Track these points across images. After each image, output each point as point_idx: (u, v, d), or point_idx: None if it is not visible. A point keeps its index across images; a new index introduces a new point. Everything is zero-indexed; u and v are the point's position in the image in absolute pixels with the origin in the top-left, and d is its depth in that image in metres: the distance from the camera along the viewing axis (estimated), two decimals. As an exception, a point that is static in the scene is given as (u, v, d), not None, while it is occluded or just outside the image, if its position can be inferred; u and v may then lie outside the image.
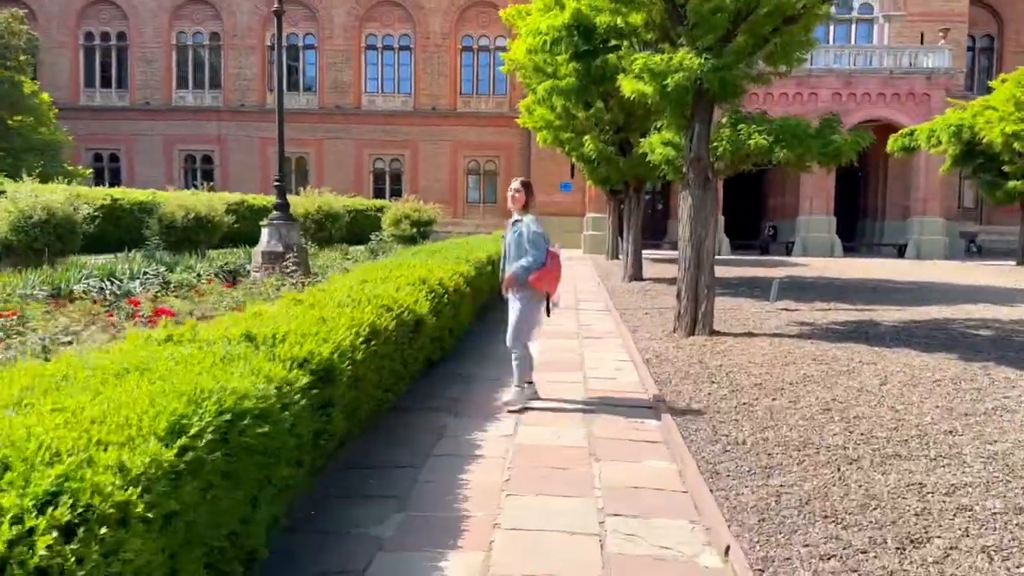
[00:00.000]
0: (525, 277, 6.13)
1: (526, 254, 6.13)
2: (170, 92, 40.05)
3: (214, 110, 39.56)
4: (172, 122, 39.80)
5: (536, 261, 6.07)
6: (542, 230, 6.19)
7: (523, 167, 38.29)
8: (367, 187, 39.24)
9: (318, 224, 20.76)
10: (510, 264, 6.26)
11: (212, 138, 39.59)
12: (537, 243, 6.09)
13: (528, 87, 16.39)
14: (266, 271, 13.06)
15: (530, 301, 6.24)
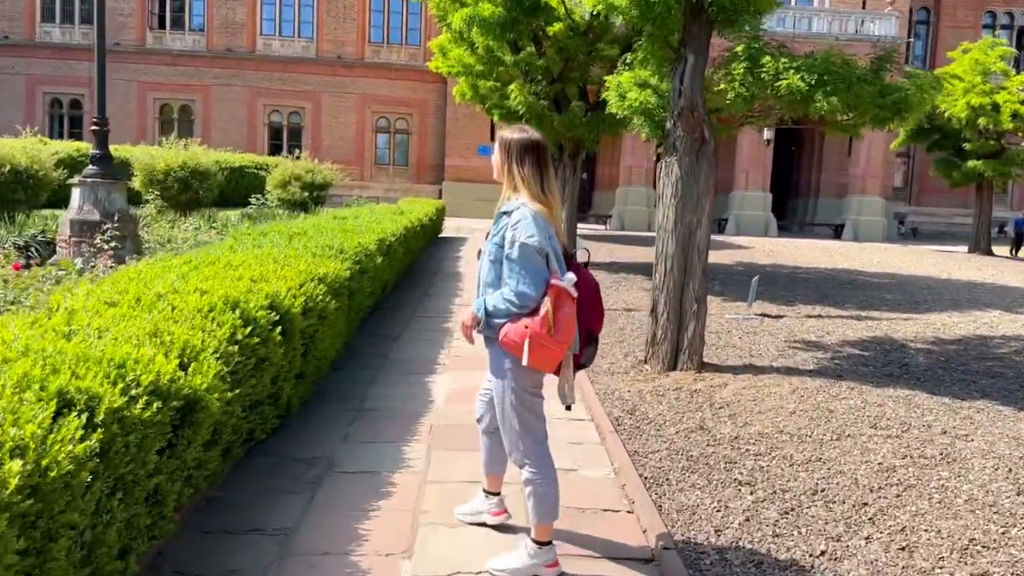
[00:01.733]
0: (494, 330, 3.06)
1: (497, 284, 3.08)
2: (33, 25, 34.67)
3: (85, 48, 34.34)
4: (35, 59, 34.48)
5: (516, 300, 2.98)
6: (540, 234, 2.98)
7: (439, 126, 34.84)
8: (262, 143, 35.00)
9: (182, 183, 16.98)
10: (477, 296, 3.19)
11: (83, 80, 34.42)
12: (526, 261, 2.96)
13: (441, 21, 13.12)
14: (76, 246, 9.56)
15: (516, 373, 3.08)
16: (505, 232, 3.02)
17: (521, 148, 3.07)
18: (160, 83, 34.96)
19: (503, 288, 3.02)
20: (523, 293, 2.95)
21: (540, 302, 2.95)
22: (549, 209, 3.06)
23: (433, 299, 10.14)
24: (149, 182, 17.11)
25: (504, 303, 2.99)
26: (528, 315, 2.96)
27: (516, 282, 2.97)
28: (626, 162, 29.24)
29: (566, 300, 2.97)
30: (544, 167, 3.09)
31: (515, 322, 2.96)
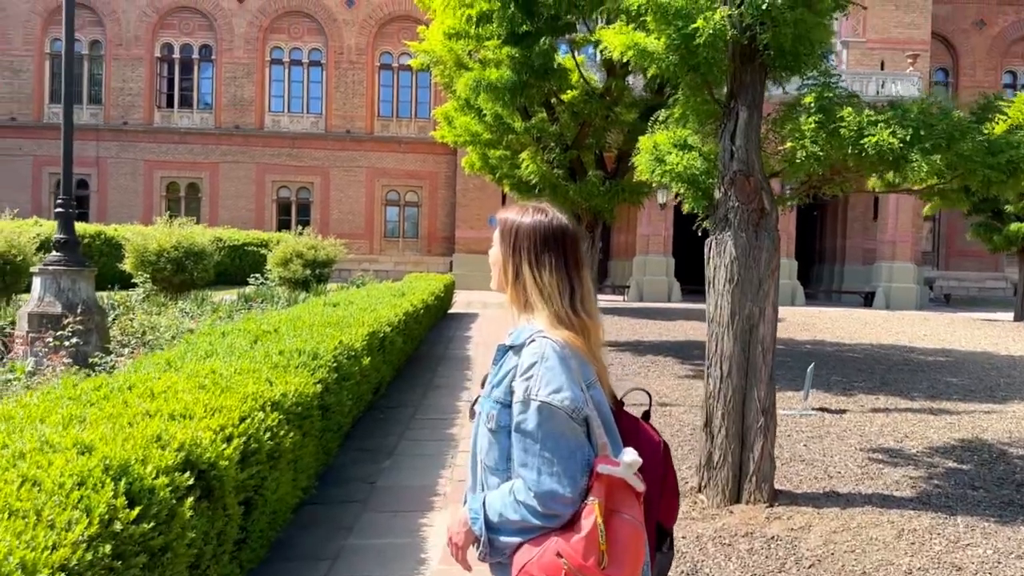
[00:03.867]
0: (503, 554, 1.77)
1: (507, 467, 1.80)
2: (41, 107, 34.61)
3: (93, 128, 34.20)
4: (43, 141, 34.18)
5: (537, 505, 1.70)
6: (573, 387, 1.73)
7: (449, 198, 34.14)
8: (270, 218, 34.39)
9: (176, 264, 16.01)
10: (474, 487, 1.90)
11: (90, 160, 34.12)
12: (551, 436, 1.71)
13: (447, 88, 12.24)
14: (33, 344, 8.43)
15: None
16: (514, 384, 1.79)
17: (536, 239, 1.86)
18: (167, 161, 34.61)
19: (515, 481, 1.75)
20: (549, 492, 1.69)
21: (580, 506, 1.71)
22: (585, 337, 1.83)
23: (438, 393, 8.90)
24: (140, 263, 16.14)
25: (517, 509, 1.72)
26: (560, 530, 1.71)
27: (536, 473, 1.71)
28: (643, 230, 28.21)
29: (626, 499, 1.73)
30: (575, 268, 1.87)
31: (538, 543, 1.70)
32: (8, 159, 33.98)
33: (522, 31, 9.68)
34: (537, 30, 9.86)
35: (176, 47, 34.77)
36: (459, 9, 9.73)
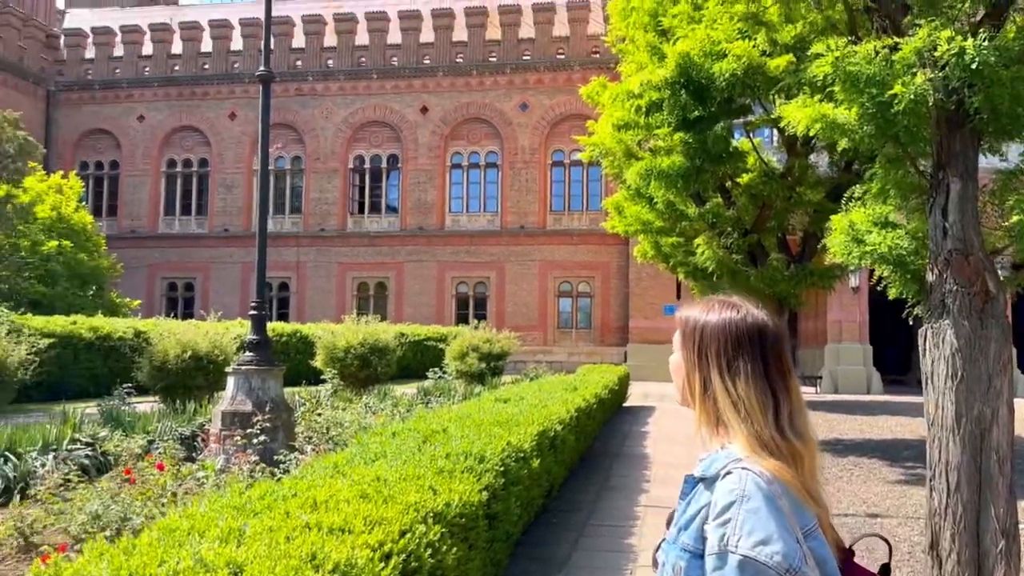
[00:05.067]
0: None
1: None
2: (249, 218, 38.26)
3: (293, 235, 37.37)
4: (251, 248, 37.57)
5: None
6: (786, 537, 1.33)
7: (622, 288, 33.86)
8: (449, 313, 35.58)
9: (362, 360, 16.71)
10: None
11: (290, 264, 37.15)
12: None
13: (616, 179, 12.14)
14: (225, 441, 8.87)
15: None
16: (707, 528, 1.41)
17: (727, 342, 1.50)
18: (358, 263, 36.96)
19: None
20: None
21: None
22: (797, 467, 1.43)
23: (613, 495, 8.40)
24: (330, 360, 17.00)
25: None
26: None
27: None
28: (834, 315, 26.44)
29: None
30: (780, 376, 1.49)
31: None
32: (222, 265, 37.67)
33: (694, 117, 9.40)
34: (710, 115, 9.55)
35: (367, 158, 37.60)
36: (627, 101, 9.64)
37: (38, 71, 38.33)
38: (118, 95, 38.69)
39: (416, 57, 36.74)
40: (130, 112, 38.56)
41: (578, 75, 34.72)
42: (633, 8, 10.53)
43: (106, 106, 38.85)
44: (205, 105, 38.17)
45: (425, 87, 36.66)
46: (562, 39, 35.94)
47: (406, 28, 36.69)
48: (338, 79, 37.20)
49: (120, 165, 38.82)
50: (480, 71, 36.16)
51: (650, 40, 10.10)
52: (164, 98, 38.33)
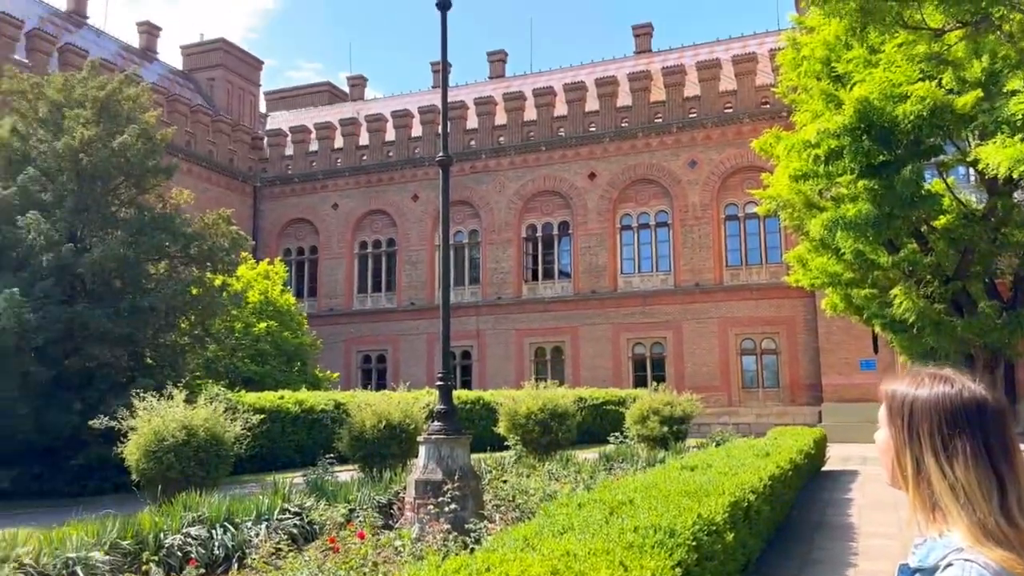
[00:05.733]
0: None
1: None
2: (433, 291, 40.12)
3: (473, 305, 38.77)
4: (435, 320, 39.34)
5: None
6: None
7: (810, 342, 32.12)
8: (627, 375, 35.22)
9: (542, 426, 16.87)
10: None
11: (471, 333, 38.49)
12: None
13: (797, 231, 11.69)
14: (419, 509, 9.20)
15: None
16: None
17: (942, 420, 1.41)
18: (534, 328, 37.65)
19: None
20: None
21: None
22: (1026, 554, 1.32)
23: (818, 570, 7.84)
24: (512, 426, 17.30)
25: None
26: None
27: None
28: (1059, 365, 23.59)
29: None
30: (1004, 457, 1.37)
31: None
32: (410, 337, 39.64)
33: (879, 162, 8.99)
34: (896, 158, 9.08)
35: (538, 226, 38.59)
36: (804, 151, 9.37)
37: (246, 170, 42.84)
38: (314, 186, 42.38)
39: (582, 126, 37.60)
40: (325, 201, 42.06)
41: (748, 127, 34.07)
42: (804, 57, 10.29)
43: (304, 197, 42.63)
44: (391, 189, 40.93)
45: (592, 154, 37.34)
46: (729, 93, 35.52)
47: (571, 100, 37.74)
48: (509, 154, 38.71)
49: (318, 250, 42.23)
50: (646, 133, 36.38)
51: (824, 88, 9.78)
52: (355, 186, 41.52)
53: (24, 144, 16.36)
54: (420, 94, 46.20)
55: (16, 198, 15.30)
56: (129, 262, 15.68)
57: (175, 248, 16.93)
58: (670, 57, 40.66)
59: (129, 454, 11.09)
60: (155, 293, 15.95)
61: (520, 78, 44.75)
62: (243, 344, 23.96)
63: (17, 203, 15.28)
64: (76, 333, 15.11)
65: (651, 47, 43.25)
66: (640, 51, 43.20)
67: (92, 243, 15.83)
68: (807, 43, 10.29)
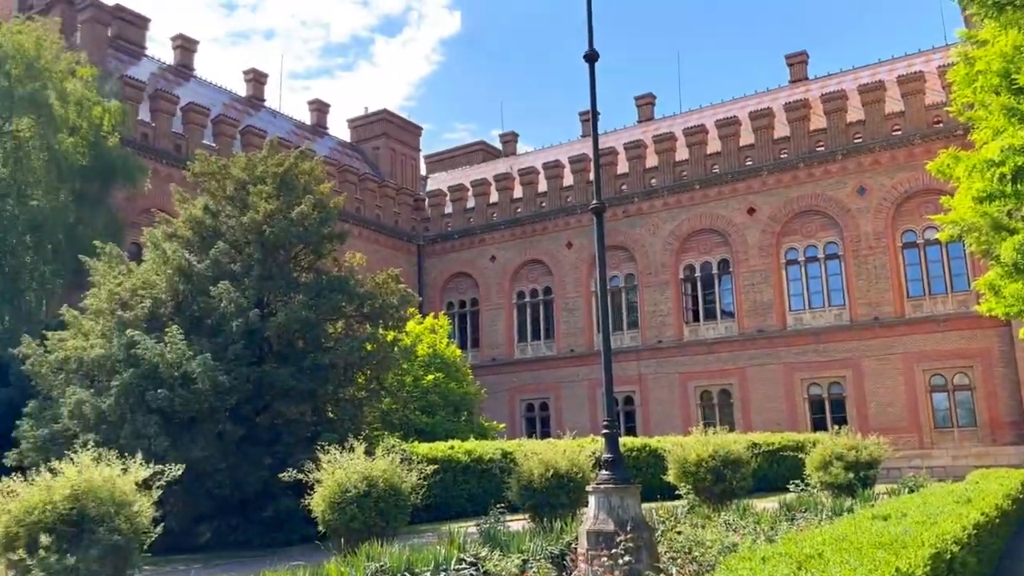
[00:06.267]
0: None
1: None
2: (592, 338, 40.12)
3: (633, 350, 38.34)
4: (595, 366, 39.29)
5: None
6: None
7: (1010, 376, 29.23)
8: (803, 418, 33.40)
9: (715, 474, 16.21)
10: None
11: (632, 378, 38.00)
12: None
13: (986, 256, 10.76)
14: (592, 561, 9.08)
15: None
16: None
17: None
18: (698, 371, 36.64)
19: None
20: None
21: None
22: None
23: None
24: (682, 474, 16.78)
25: None
26: None
27: None
28: None
29: None
30: None
31: None
32: (571, 384, 39.72)
33: (1076, 175, 8.17)
34: (1097, 169, 8.22)
35: (696, 266, 37.79)
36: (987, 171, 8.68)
37: (410, 230, 45.03)
38: (473, 241, 43.82)
39: (737, 161, 36.72)
40: (484, 254, 43.34)
41: (920, 149, 32.05)
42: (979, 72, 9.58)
43: (464, 252, 44.15)
44: (545, 239, 41.61)
45: (750, 188, 36.30)
46: (896, 115, 33.57)
47: (724, 135, 37.03)
48: (661, 195, 38.38)
49: (479, 301, 43.44)
50: (807, 163, 34.98)
51: (1005, 102, 9.04)
52: (510, 238, 42.55)
53: (215, 220, 18.04)
54: (570, 144, 46.95)
55: (209, 270, 16.83)
56: (310, 323, 16.79)
57: (350, 307, 17.96)
58: (828, 83, 39.10)
59: (315, 506, 11.70)
60: (334, 351, 16.95)
61: (669, 119, 44.50)
62: (414, 396, 24.88)
63: (210, 274, 16.81)
64: (264, 392, 16.29)
65: (806, 75, 41.82)
66: (795, 80, 41.87)
67: (276, 307, 17.12)
68: (981, 56, 9.58)
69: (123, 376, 14.70)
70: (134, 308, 16.06)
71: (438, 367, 26.53)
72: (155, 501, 9.23)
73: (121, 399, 14.62)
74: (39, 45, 24.25)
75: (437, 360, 26.86)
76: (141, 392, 14.64)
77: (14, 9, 31.70)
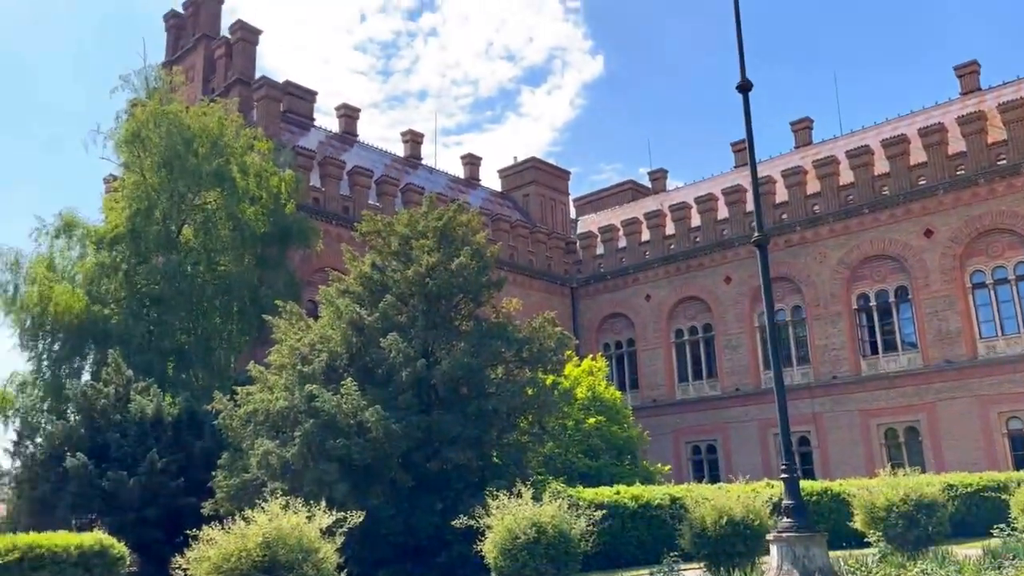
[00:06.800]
0: None
1: None
2: (758, 376, 38.51)
3: (805, 387, 36.36)
4: (764, 406, 37.51)
5: None
6: None
7: None
8: (1002, 455, 30.32)
9: (907, 519, 14.87)
10: None
11: (806, 417, 35.94)
12: None
13: None
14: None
15: None
16: None
17: None
18: (880, 408, 34.21)
19: None
20: None
21: None
22: None
23: None
24: (870, 520, 15.55)
25: None
26: None
27: None
28: None
29: None
30: None
31: None
32: (739, 425, 38.13)
33: None
34: None
35: (870, 295, 35.53)
36: None
37: (562, 273, 45.37)
38: (626, 281, 43.48)
39: (909, 181, 34.44)
40: (638, 293, 42.87)
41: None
42: None
43: (617, 292, 43.86)
44: (701, 275, 40.63)
45: (925, 209, 33.87)
46: (1091, 116, 30.38)
47: (892, 155, 34.93)
48: (826, 222, 36.58)
49: (635, 342, 42.87)
50: (988, 179, 32.29)
51: None
52: (664, 275, 41.88)
53: (382, 275, 18.95)
54: (722, 176, 45.86)
55: (379, 323, 17.65)
56: (473, 370, 17.17)
57: (509, 353, 18.22)
58: (1005, 92, 36.07)
59: (488, 552, 11.79)
60: (496, 396, 17.21)
61: (829, 142, 42.53)
62: (576, 439, 24.75)
63: (379, 327, 17.61)
64: (433, 438, 16.74)
65: (979, 85, 38.77)
66: (966, 91, 38.91)
67: (440, 356, 17.65)
68: None
69: (305, 426, 15.58)
70: (312, 362, 17.05)
71: (599, 410, 26.28)
72: (337, 548, 9.63)
73: (304, 448, 15.46)
74: (221, 125, 26.75)
75: (597, 403, 26.63)
76: (321, 441, 15.43)
77: (199, 94, 35.16)
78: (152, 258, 25.63)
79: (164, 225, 26.04)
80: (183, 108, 27.13)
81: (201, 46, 37.53)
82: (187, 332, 25.41)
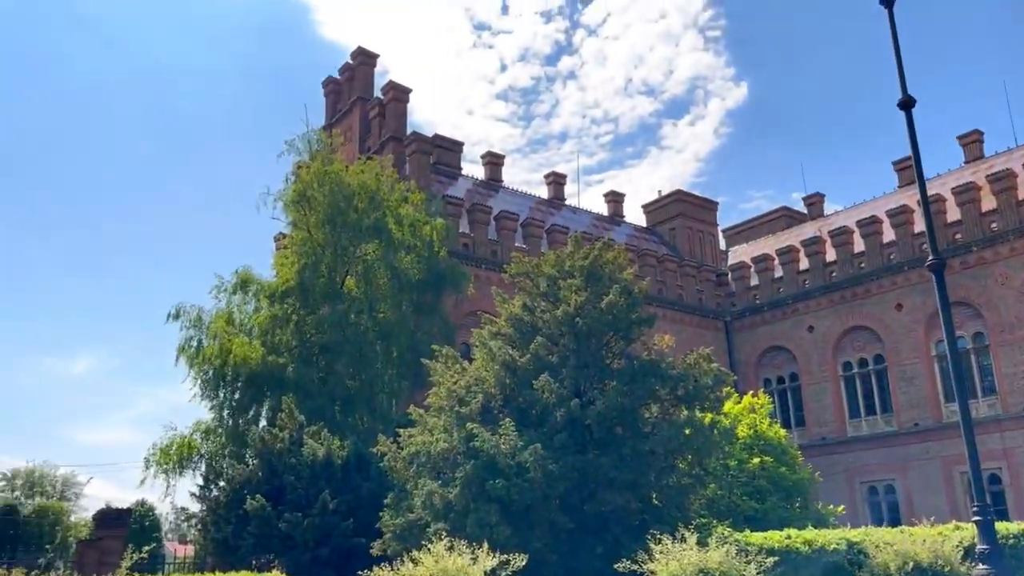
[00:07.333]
0: None
1: None
2: (939, 409, 35.66)
3: (993, 420, 33.29)
4: (945, 441, 34.58)
5: None
6: None
7: None
8: None
9: None
10: None
11: (996, 453, 32.86)
12: None
13: None
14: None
15: None
16: None
17: None
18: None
19: None
20: None
21: None
22: None
23: None
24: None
25: None
26: None
27: None
28: None
29: None
30: None
31: None
32: (919, 463, 35.30)
33: None
34: None
35: (1069, 316, 32.19)
36: None
37: (714, 307, 44.08)
38: (785, 312, 41.63)
39: (1103, 189, 31.12)
40: (799, 325, 40.91)
41: None
42: None
43: (775, 324, 42.05)
44: (868, 302, 38.32)
45: None
46: None
47: (1080, 162, 31.73)
48: (1007, 240, 33.67)
49: (798, 376, 40.82)
50: None
51: None
52: (827, 305, 39.79)
53: (532, 316, 19.12)
54: (884, 198, 43.26)
55: (530, 363, 17.77)
56: (627, 409, 16.91)
57: (664, 391, 17.80)
58: None
59: (653, 598, 11.47)
60: (652, 436, 16.82)
61: (1004, 155, 39.26)
62: (740, 481, 23.68)
63: (531, 367, 17.73)
64: (589, 480, 16.54)
65: None
66: None
67: (593, 395, 17.50)
68: None
69: (465, 468, 15.84)
70: (469, 403, 17.39)
71: (762, 449, 25.04)
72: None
73: (465, 489, 15.71)
74: (377, 180, 28.25)
75: (761, 442, 25.40)
76: (482, 482, 15.63)
77: (356, 151, 37.34)
78: (319, 309, 27.22)
79: (329, 277, 27.66)
80: (343, 167, 28.89)
81: (357, 108, 39.93)
82: (352, 377, 26.65)
